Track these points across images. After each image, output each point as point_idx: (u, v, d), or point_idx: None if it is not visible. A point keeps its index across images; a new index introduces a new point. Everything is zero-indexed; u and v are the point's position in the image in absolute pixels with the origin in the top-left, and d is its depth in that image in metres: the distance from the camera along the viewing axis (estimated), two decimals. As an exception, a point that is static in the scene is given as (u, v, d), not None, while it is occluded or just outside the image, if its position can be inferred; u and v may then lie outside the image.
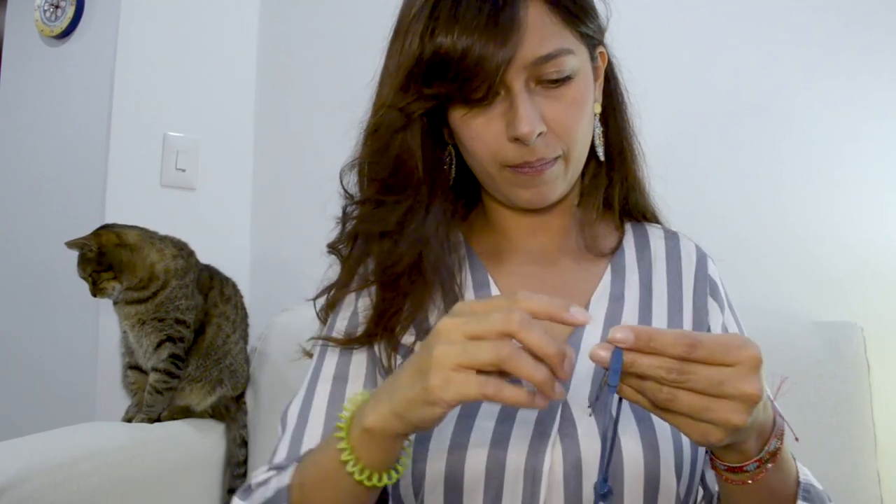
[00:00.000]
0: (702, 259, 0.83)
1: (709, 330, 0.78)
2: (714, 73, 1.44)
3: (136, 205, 1.67)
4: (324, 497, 0.61)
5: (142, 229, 1.43)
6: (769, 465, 0.57)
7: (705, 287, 0.80)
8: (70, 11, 1.75)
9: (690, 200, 1.31)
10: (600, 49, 0.76)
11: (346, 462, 0.57)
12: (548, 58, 0.67)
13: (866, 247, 1.30)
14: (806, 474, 0.66)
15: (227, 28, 1.91)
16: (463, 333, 0.51)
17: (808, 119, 1.36)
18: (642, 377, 0.51)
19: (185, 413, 1.45)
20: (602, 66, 0.78)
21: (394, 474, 0.59)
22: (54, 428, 1.30)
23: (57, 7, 1.78)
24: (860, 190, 1.31)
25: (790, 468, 0.62)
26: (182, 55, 1.79)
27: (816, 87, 1.35)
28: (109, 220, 1.50)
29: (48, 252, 1.68)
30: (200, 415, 1.46)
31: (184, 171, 1.77)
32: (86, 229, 1.41)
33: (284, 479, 0.65)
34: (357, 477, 0.57)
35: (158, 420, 1.41)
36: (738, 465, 0.57)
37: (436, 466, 0.68)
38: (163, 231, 1.47)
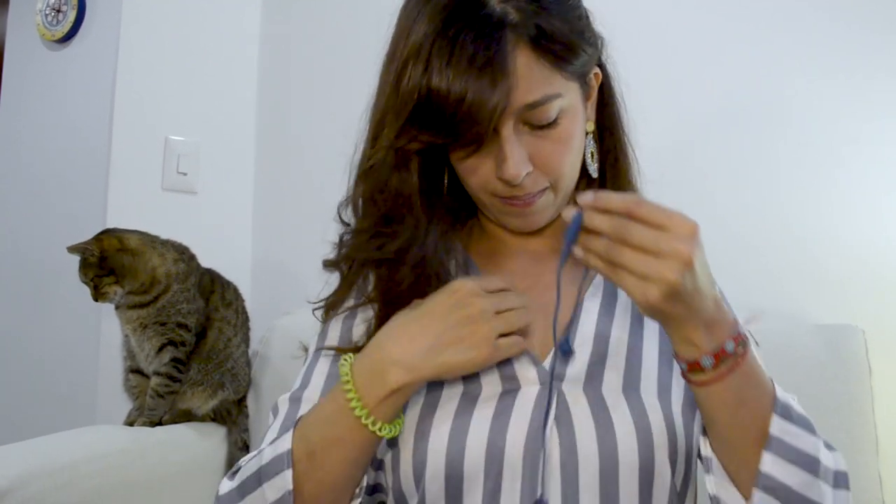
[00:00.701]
0: None
1: None
2: (712, 73, 1.44)
3: (137, 208, 1.68)
4: (337, 458, 0.67)
5: (143, 234, 1.43)
6: (728, 367, 0.62)
7: None
8: (71, 16, 1.76)
9: (689, 202, 1.30)
10: (594, 71, 0.77)
11: (362, 421, 0.65)
12: (535, 105, 0.68)
13: (867, 249, 1.29)
14: (787, 397, 0.67)
15: (229, 32, 1.91)
16: (496, 310, 0.67)
17: (808, 120, 1.35)
18: (596, 233, 0.61)
19: (187, 417, 1.45)
20: (595, 86, 0.79)
21: (399, 423, 0.69)
22: (56, 431, 1.31)
23: (58, 11, 1.78)
24: (860, 191, 1.31)
25: (763, 384, 0.65)
26: (183, 59, 1.79)
27: (815, 88, 1.35)
28: (111, 223, 1.50)
29: (50, 255, 1.69)
30: (202, 418, 1.47)
31: (185, 174, 1.78)
32: (87, 233, 1.41)
33: (283, 444, 0.68)
34: (380, 433, 0.66)
35: (160, 424, 1.41)
36: (694, 359, 0.62)
37: (436, 456, 0.69)
38: (164, 235, 1.47)
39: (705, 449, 0.69)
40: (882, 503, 1.14)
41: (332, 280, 0.83)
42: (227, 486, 0.72)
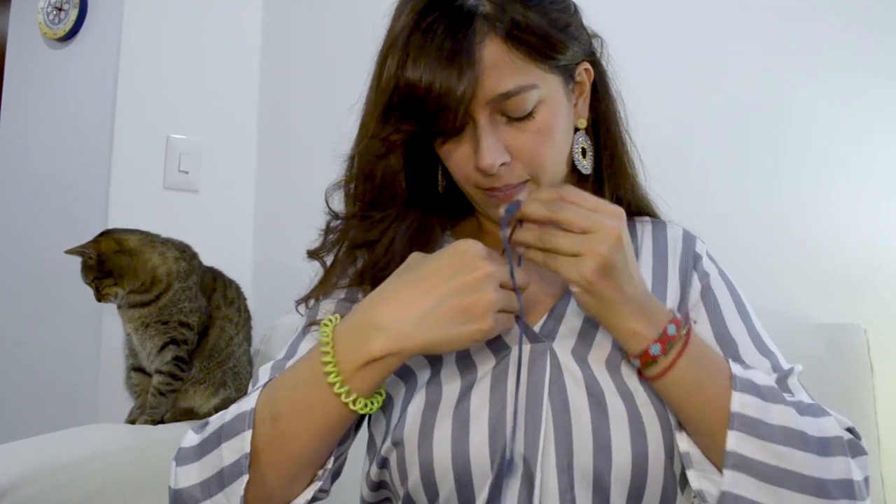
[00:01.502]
0: (688, 239, 0.85)
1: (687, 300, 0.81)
2: (712, 73, 1.44)
3: (139, 207, 1.68)
4: (303, 427, 0.64)
5: (143, 233, 1.43)
6: (677, 351, 0.64)
7: (690, 262, 0.83)
8: (73, 14, 1.76)
9: (689, 202, 1.31)
10: (584, 66, 0.77)
11: (334, 389, 0.61)
12: (507, 95, 0.68)
13: (868, 248, 1.29)
14: (750, 373, 0.67)
15: (230, 31, 1.91)
16: (500, 283, 0.63)
17: (809, 120, 1.35)
18: (533, 221, 0.64)
19: (189, 415, 1.45)
20: (587, 82, 0.78)
21: (378, 400, 0.65)
22: (57, 430, 1.31)
23: (60, 10, 1.78)
24: (861, 191, 1.31)
25: (716, 363, 0.67)
26: (185, 57, 1.80)
27: (817, 88, 1.35)
28: (112, 222, 1.51)
29: (51, 254, 1.69)
30: (204, 417, 1.46)
31: (187, 173, 1.78)
32: (89, 232, 1.41)
33: (247, 403, 0.65)
34: (353, 406, 0.62)
35: (161, 422, 1.41)
36: (643, 349, 0.64)
37: (443, 457, 0.68)
38: (165, 233, 1.47)
39: (683, 444, 0.68)
40: (884, 503, 1.14)
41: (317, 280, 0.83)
42: (190, 438, 0.68)
